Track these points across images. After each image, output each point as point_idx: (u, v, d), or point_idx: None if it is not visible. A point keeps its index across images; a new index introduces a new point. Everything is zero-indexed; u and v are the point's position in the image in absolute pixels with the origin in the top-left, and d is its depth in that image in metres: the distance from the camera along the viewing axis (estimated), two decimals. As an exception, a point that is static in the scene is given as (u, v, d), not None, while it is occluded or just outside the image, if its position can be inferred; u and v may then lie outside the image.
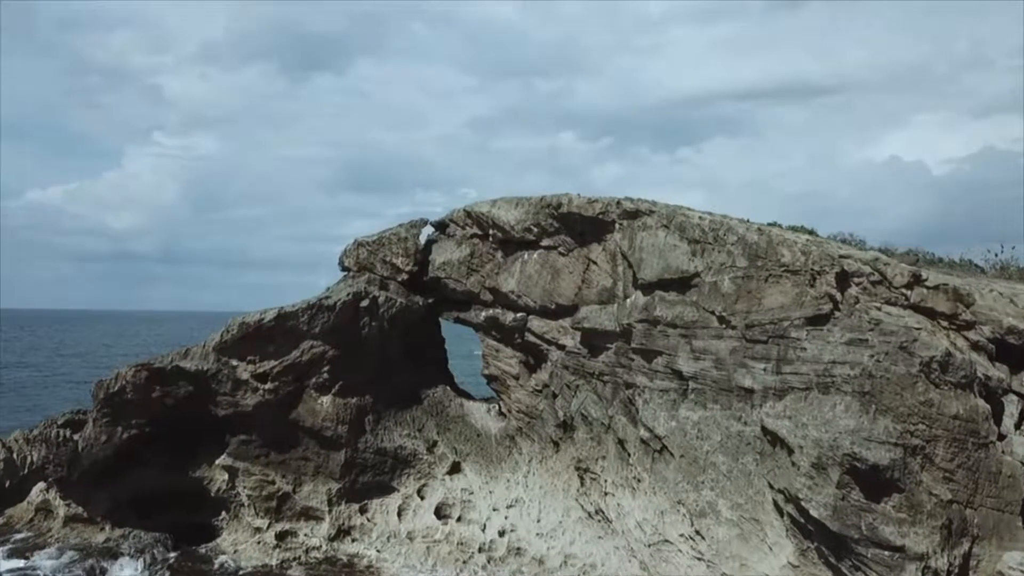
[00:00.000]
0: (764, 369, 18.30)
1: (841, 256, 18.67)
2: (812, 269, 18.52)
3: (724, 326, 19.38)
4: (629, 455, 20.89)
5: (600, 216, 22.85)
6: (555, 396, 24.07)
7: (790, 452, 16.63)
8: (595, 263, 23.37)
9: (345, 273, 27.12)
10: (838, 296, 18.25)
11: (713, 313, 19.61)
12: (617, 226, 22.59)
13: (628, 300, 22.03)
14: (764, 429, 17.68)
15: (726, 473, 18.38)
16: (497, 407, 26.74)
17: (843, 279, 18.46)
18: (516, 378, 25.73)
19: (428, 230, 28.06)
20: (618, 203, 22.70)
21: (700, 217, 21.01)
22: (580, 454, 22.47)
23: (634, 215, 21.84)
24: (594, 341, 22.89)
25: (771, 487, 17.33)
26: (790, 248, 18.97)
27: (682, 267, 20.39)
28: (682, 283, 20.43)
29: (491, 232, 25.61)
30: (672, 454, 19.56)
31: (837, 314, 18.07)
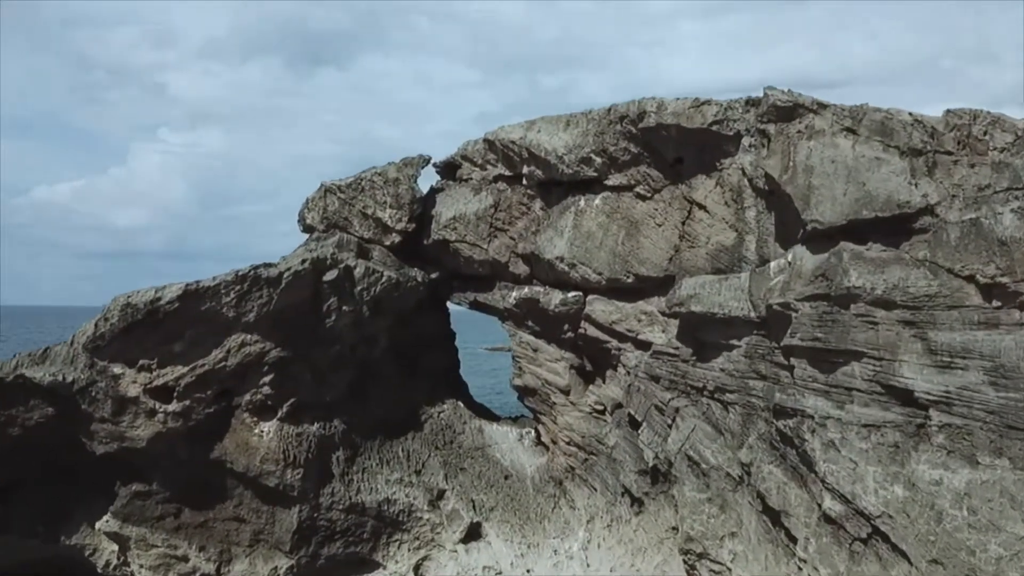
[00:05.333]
0: (1125, 390, 8.34)
1: None
2: None
3: (1004, 304, 9.42)
4: (795, 539, 10.85)
5: (714, 127, 12.91)
6: (635, 424, 14.10)
7: None
8: (702, 207, 13.42)
9: (308, 236, 17.17)
10: None
11: (972, 279, 9.66)
12: (747, 143, 12.65)
13: (773, 264, 12.08)
14: None
15: (1057, 611, 8.40)
16: (533, 433, 16.78)
17: None
18: (565, 392, 15.77)
19: (432, 177, 18.24)
20: (750, 102, 12.75)
21: (911, 114, 11.08)
22: (689, 527, 12.42)
23: (788, 114, 11.80)
24: (705, 335, 12.93)
25: None
26: None
27: (897, 196, 10.42)
28: (896, 226, 10.47)
29: (526, 170, 15.65)
30: (903, 552, 9.51)
31: None
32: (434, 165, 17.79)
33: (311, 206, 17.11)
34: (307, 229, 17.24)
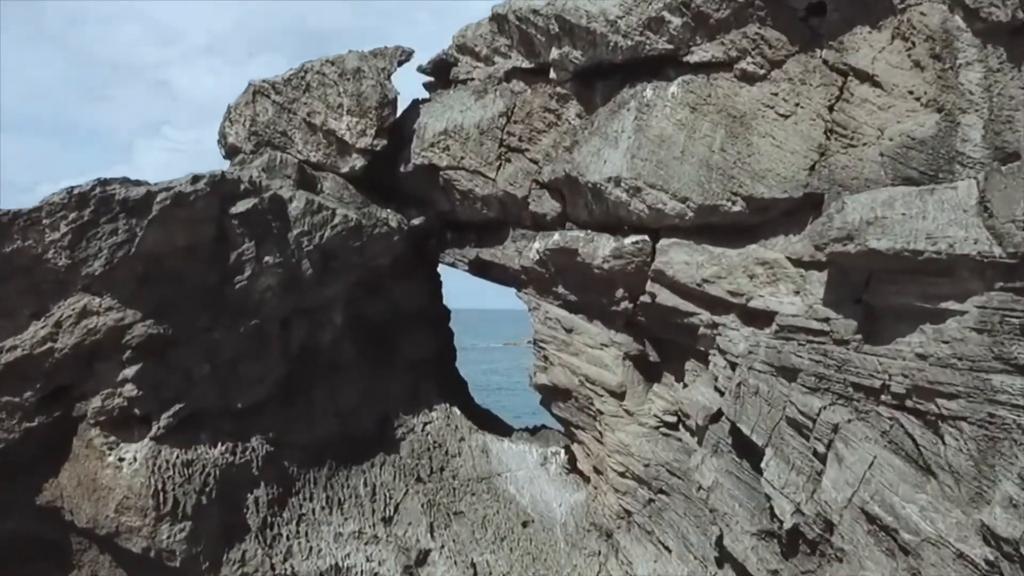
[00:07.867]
0: None
1: None
2: None
3: None
4: None
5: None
6: (748, 448, 8.18)
7: None
8: (868, 78, 7.52)
9: (229, 160, 11.34)
10: None
11: None
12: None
13: (1043, 153, 6.18)
14: None
15: None
16: (564, 456, 10.91)
17: None
18: (617, 395, 9.88)
19: (415, 93, 12.35)
20: None
21: None
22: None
23: None
24: (887, 294, 7.01)
25: None
26: None
27: None
28: None
29: (556, 54, 9.79)
30: None
31: None
32: (420, 69, 12.05)
33: (235, 116, 11.27)
34: (231, 152, 11.42)
